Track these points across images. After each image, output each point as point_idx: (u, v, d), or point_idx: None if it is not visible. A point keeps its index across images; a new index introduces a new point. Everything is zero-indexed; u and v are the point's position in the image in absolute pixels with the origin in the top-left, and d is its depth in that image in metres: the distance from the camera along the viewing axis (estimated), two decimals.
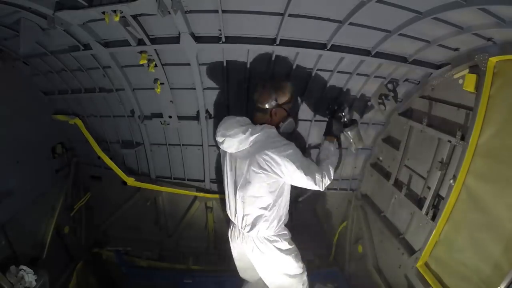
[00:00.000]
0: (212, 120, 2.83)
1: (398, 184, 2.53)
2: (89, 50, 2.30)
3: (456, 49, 1.92)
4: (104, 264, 3.55)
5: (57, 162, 3.10)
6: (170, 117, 2.79)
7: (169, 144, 3.09)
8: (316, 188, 1.92)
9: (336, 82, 2.48)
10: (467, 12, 1.45)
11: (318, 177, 1.90)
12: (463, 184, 1.84)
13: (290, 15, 1.82)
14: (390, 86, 2.46)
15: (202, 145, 3.00)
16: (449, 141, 1.97)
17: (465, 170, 1.82)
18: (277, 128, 2.00)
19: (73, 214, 3.27)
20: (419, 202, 2.24)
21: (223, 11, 1.83)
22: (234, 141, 1.92)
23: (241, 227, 2.11)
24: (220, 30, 1.99)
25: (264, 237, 2.08)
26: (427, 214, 2.10)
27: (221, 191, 3.32)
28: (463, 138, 1.85)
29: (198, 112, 2.74)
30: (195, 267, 3.51)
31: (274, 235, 2.09)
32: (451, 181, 1.88)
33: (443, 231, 1.97)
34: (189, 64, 2.31)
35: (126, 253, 3.48)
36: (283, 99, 2.00)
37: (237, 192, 2.03)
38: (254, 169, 1.89)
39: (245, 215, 2.05)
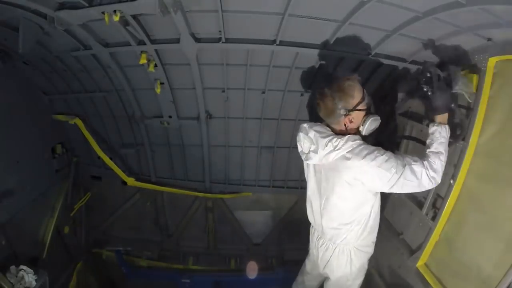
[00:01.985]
0: (212, 120, 2.84)
1: None
2: (89, 50, 2.30)
3: (456, 49, 1.92)
4: (104, 264, 3.55)
5: (57, 162, 3.10)
6: (170, 117, 2.79)
7: (169, 144, 3.09)
8: (426, 188, 1.61)
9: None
10: (467, 12, 1.45)
11: (424, 175, 1.56)
12: (463, 184, 1.83)
13: (290, 15, 1.82)
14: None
15: (202, 145, 3.00)
16: (449, 141, 1.96)
17: (465, 170, 1.81)
18: (359, 132, 1.71)
19: (73, 214, 3.27)
20: (419, 202, 2.24)
21: (223, 11, 1.83)
22: (316, 156, 1.71)
23: (323, 232, 1.97)
24: (220, 30, 1.99)
25: (346, 248, 1.91)
26: (427, 214, 2.09)
27: (222, 191, 3.33)
28: (463, 138, 1.85)
29: (198, 112, 2.74)
30: (195, 267, 3.51)
31: (357, 248, 1.91)
32: (451, 181, 1.88)
33: (443, 231, 1.96)
34: (189, 64, 2.31)
35: (126, 253, 3.48)
36: (354, 102, 1.62)
37: (321, 201, 1.88)
38: (340, 184, 1.69)
39: (328, 225, 1.89)
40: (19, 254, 2.44)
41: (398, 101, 2.04)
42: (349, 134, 1.67)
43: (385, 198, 2.67)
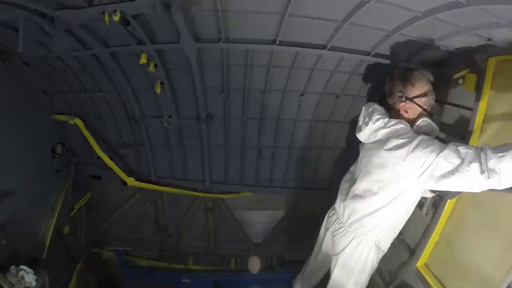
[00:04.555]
0: (212, 120, 2.84)
1: None
2: (89, 50, 2.30)
3: (457, 49, 1.92)
4: (104, 264, 3.55)
5: (57, 162, 3.09)
6: (170, 117, 2.79)
7: (169, 144, 3.09)
8: (476, 188, 1.35)
9: None
10: (467, 12, 1.45)
11: (476, 169, 1.30)
12: None
13: (290, 15, 1.82)
14: None
15: (202, 145, 3.00)
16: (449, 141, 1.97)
17: None
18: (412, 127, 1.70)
19: (73, 214, 3.27)
20: (419, 202, 2.24)
21: (223, 11, 1.83)
22: (367, 130, 1.76)
23: (344, 218, 1.92)
24: (220, 30, 1.99)
25: (364, 240, 1.84)
26: (427, 214, 2.10)
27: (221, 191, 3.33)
28: (463, 138, 1.85)
29: (198, 112, 2.74)
30: (195, 267, 3.51)
31: (376, 244, 1.84)
32: None
33: (443, 231, 1.96)
34: (189, 64, 2.31)
35: (126, 253, 3.48)
36: (413, 91, 1.68)
37: (355, 182, 1.86)
38: (376, 163, 1.69)
39: (353, 208, 1.85)
40: (19, 254, 2.44)
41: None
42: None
43: None
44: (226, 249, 3.59)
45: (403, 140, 1.55)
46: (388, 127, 1.66)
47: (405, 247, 2.30)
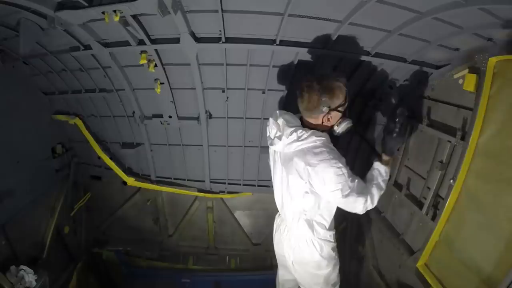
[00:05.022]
0: (212, 120, 2.83)
1: (398, 184, 2.52)
2: (89, 50, 2.30)
3: (456, 49, 1.92)
4: (104, 264, 3.56)
5: (57, 162, 3.10)
6: (170, 117, 2.79)
7: (169, 144, 3.09)
8: (355, 211, 1.76)
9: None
10: (467, 12, 1.45)
11: (361, 201, 1.70)
12: (463, 184, 1.83)
13: (290, 15, 1.82)
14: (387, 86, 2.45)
15: (202, 145, 3.00)
16: (449, 141, 1.97)
17: (465, 170, 1.81)
18: (331, 131, 1.78)
19: (73, 214, 3.27)
20: (419, 202, 2.24)
21: (223, 11, 1.83)
22: (280, 143, 1.77)
23: (288, 222, 2.02)
24: (220, 30, 1.99)
25: (308, 238, 1.97)
26: (427, 214, 2.09)
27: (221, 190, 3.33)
28: (463, 138, 1.84)
29: (198, 112, 2.74)
30: (195, 267, 3.51)
31: (319, 238, 1.96)
32: (451, 181, 1.88)
33: (443, 231, 1.96)
34: (189, 64, 2.31)
35: (126, 253, 3.48)
36: (337, 102, 1.69)
37: (284, 188, 1.94)
38: (295, 175, 1.77)
39: (291, 211, 1.96)
40: (19, 254, 2.45)
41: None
42: (317, 130, 1.74)
43: (385, 198, 2.67)
44: (226, 249, 3.59)
45: (318, 161, 1.64)
46: (302, 140, 1.68)
47: (405, 247, 2.30)
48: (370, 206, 1.74)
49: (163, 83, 2.49)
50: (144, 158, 3.22)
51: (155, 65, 2.30)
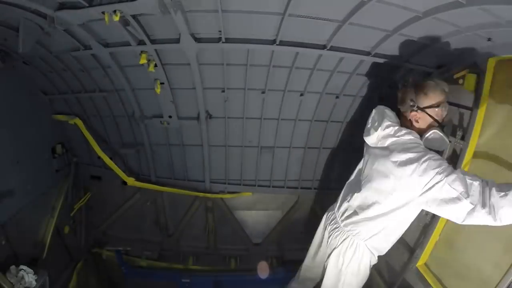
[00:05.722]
0: (212, 120, 2.84)
1: None
2: (89, 50, 2.30)
3: (456, 49, 1.92)
4: (104, 264, 3.55)
5: (57, 162, 3.10)
6: (170, 117, 2.79)
7: (169, 144, 3.09)
8: (473, 220, 1.39)
9: None
10: (467, 12, 1.45)
11: (478, 203, 1.33)
12: None
13: (290, 15, 1.82)
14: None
15: (202, 145, 3.00)
16: (449, 141, 1.97)
17: (465, 170, 1.82)
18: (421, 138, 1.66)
19: (73, 214, 3.27)
20: None
21: (223, 11, 1.83)
22: (375, 135, 1.72)
23: (340, 219, 1.93)
24: (220, 30, 1.99)
25: (356, 241, 1.86)
26: (427, 214, 2.09)
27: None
28: (463, 138, 1.85)
29: (198, 112, 2.74)
30: (195, 267, 3.51)
31: (367, 246, 1.85)
32: None
33: (443, 231, 1.96)
34: (189, 64, 2.31)
35: (126, 253, 3.48)
36: (425, 101, 1.62)
37: (358, 185, 1.86)
38: (380, 171, 1.66)
39: (351, 211, 1.86)
40: (19, 254, 2.44)
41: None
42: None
43: None
44: (226, 249, 3.59)
45: (411, 155, 1.51)
46: (398, 136, 1.61)
47: (405, 247, 2.30)
48: (504, 216, 1.32)
49: (163, 83, 2.49)
50: (144, 158, 3.22)
51: (155, 65, 2.30)
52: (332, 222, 2.01)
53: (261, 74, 2.44)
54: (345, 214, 1.90)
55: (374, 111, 1.83)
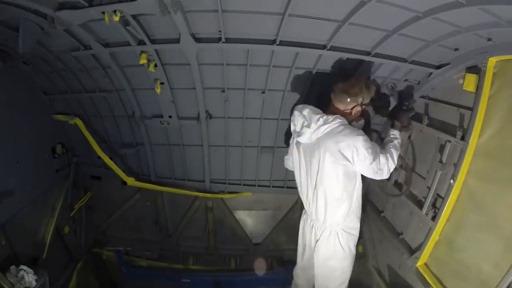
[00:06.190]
0: (212, 120, 2.83)
1: (398, 184, 2.53)
2: (89, 50, 2.30)
3: (456, 49, 1.92)
4: (104, 264, 3.56)
5: (57, 162, 3.10)
6: (170, 117, 2.79)
7: (169, 144, 3.09)
8: (379, 175, 1.86)
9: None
10: (467, 12, 1.45)
11: (383, 161, 1.84)
12: (463, 184, 1.84)
13: (290, 15, 1.82)
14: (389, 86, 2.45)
15: (202, 145, 3.00)
16: (449, 141, 1.97)
17: (465, 170, 1.82)
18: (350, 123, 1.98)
19: (73, 214, 3.27)
20: (419, 202, 2.24)
21: (223, 11, 1.83)
22: (308, 131, 1.92)
23: (314, 217, 2.12)
24: (220, 30, 1.99)
25: (333, 229, 2.08)
26: (427, 214, 2.09)
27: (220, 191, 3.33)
28: (463, 138, 1.85)
29: (198, 112, 2.74)
30: (195, 267, 3.51)
31: (344, 230, 2.08)
32: (451, 181, 1.88)
33: (443, 231, 1.96)
34: (189, 64, 2.31)
35: (126, 253, 3.48)
36: (367, 100, 1.99)
37: (311, 182, 2.04)
38: (327, 157, 1.88)
39: (319, 205, 2.05)
40: (19, 254, 2.44)
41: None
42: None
43: (385, 198, 2.68)
44: (226, 249, 3.59)
45: (347, 135, 1.82)
46: (329, 122, 1.86)
47: (405, 247, 2.30)
48: (392, 165, 1.88)
49: (163, 83, 2.49)
50: (144, 158, 3.22)
51: (155, 65, 2.30)
52: (309, 222, 2.21)
53: (261, 74, 2.44)
54: (315, 212, 2.10)
55: (295, 112, 2.03)
